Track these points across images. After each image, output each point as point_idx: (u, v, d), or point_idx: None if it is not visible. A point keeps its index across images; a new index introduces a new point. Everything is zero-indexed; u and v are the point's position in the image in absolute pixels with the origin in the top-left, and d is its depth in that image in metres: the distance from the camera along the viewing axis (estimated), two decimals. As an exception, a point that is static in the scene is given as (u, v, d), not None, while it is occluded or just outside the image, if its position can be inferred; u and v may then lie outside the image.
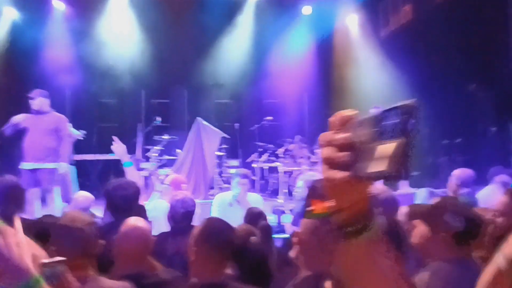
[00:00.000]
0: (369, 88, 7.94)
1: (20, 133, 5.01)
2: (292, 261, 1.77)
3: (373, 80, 8.03)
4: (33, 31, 7.88)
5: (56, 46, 8.01)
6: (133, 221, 2.15)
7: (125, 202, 2.58)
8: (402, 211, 2.63)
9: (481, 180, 4.23)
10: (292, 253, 1.65)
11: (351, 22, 8.71)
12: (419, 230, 1.82)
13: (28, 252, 1.70)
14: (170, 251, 2.71)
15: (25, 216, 2.94)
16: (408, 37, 7.77)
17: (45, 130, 4.91)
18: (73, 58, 8.02)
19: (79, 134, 6.36)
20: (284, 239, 4.07)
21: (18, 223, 1.29)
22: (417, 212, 1.96)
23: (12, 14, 8.04)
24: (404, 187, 5.71)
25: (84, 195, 3.80)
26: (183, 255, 2.54)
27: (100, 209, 4.42)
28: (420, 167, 6.15)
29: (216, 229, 1.90)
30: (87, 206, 3.64)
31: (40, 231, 1.99)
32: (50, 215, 2.35)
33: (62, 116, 5.19)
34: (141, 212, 2.75)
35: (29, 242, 1.78)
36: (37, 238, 1.92)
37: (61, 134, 5.06)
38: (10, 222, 2.32)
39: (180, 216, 2.87)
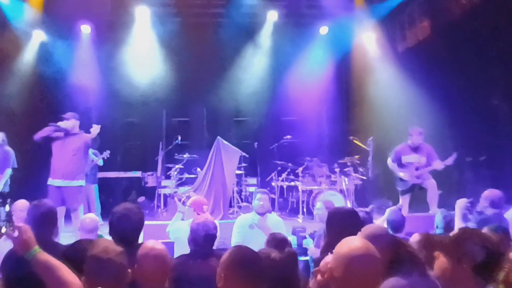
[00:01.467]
0: (389, 105, 7.90)
1: (48, 146, 5.17)
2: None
3: (392, 97, 7.99)
4: (60, 53, 8.22)
5: (83, 68, 8.32)
6: (151, 243, 2.25)
7: (130, 233, 2.57)
8: (415, 238, 2.60)
9: (508, 198, 4.15)
10: (311, 285, 1.69)
11: (368, 40, 8.74)
12: (440, 262, 1.81)
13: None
14: (191, 273, 2.74)
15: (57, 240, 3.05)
16: (426, 52, 7.72)
17: (74, 150, 5.09)
18: (98, 79, 8.31)
19: (97, 159, 6.59)
20: (305, 261, 4.06)
21: None
22: (437, 244, 1.95)
23: (41, 37, 8.41)
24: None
25: (91, 218, 3.86)
26: (204, 278, 2.58)
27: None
28: (445, 184, 6.05)
29: (245, 257, 1.95)
30: (93, 228, 3.68)
31: (73, 257, 2.06)
32: (83, 241, 2.39)
33: (89, 136, 5.35)
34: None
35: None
36: (70, 265, 2.00)
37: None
38: (45, 245, 2.41)
39: (201, 239, 2.90)
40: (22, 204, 3.89)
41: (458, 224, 4.16)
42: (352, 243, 1.63)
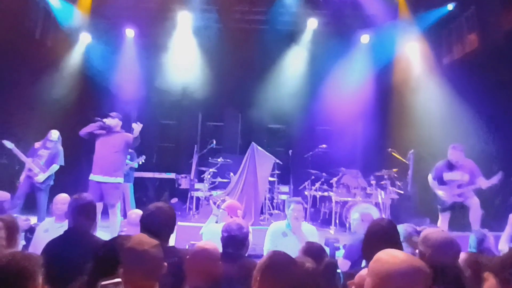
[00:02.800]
0: (432, 119, 7.59)
1: (91, 142, 5.37)
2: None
3: (435, 110, 7.69)
4: (105, 55, 8.56)
5: (125, 70, 8.61)
6: (202, 243, 2.36)
7: (160, 229, 2.55)
8: (461, 257, 2.46)
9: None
10: None
11: (412, 51, 8.49)
12: (489, 284, 1.75)
13: None
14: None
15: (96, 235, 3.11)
16: (473, 66, 7.39)
17: (115, 147, 5.27)
18: (139, 81, 8.56)
19: (132, 163, 6.79)
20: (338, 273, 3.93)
21: None
22: (487, 265, 1.86)
23: (87, 40, 8.80)
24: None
25: (137, 213, 3.92)
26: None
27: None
28: (487, 207, 5.71)
29: (281, 263, 1.92)
30: (139, 223, 3.75)
31: (113, 251, 2.09)
32: (124, 236, 2.42)
33: (130, 135, 5.52)
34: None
35: None
36: (109, 259, 2.03)
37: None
38: (84, 236, 2.42)
39: (223, 240, 2.88)
40: (63, 198, 4.04)
41: (502, 242, 3.92)
42: (393, 256, 1.49)
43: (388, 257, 1.49)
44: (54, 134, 6.21)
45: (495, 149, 6.50)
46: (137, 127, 5.18)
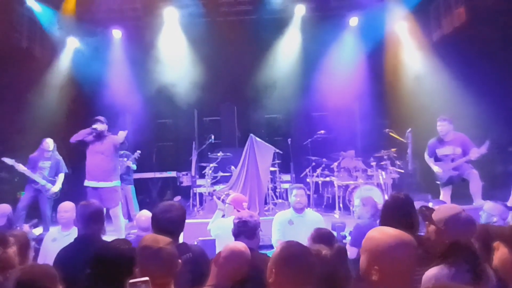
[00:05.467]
0: (424, 96, 7.63)
1: (83, 149, 5.36)
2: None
3: (427, 87, 7.71)
4: (94, 58, 8.48)
5: (116, 72, 8.54)
6: (234, 244, 2.39)
7: (171, 225, 2.56)
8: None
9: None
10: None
11: (401, 29, 8.47)
12: (500, 253, 1.76)
13: None
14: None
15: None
16: (462, 40, 7.41)
17: (104, 152, 5.26)
18: (131, 82, 8.50)
19: (132, 164, 6.80)
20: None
21: None
22: (497, 234, 1.89)
23: (74, 44, 8.70)
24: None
25: (146, 215, 3.87)
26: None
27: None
28: (488, 177, 5.76)
29: (296, 253, 1.92)
30: (149, 226, 3.73)
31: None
32: (121, 240, 2.42)
33: (116, 137, 5.51)
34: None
35: None
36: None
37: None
38: (93, 242, 2.43)
39: (236, 227, 2.94)
40: (67, 206, 4.00)
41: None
42: (383, 233, 1.61)
43: (378, 233, 1.63)
44: (51, 143, 6.18)
45: (490, 120, 6.54)
46: (122, 134, 5.28)
